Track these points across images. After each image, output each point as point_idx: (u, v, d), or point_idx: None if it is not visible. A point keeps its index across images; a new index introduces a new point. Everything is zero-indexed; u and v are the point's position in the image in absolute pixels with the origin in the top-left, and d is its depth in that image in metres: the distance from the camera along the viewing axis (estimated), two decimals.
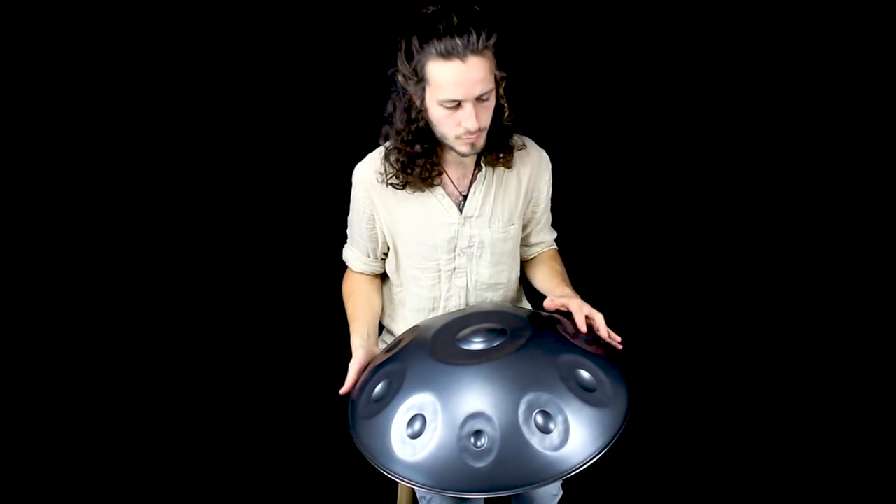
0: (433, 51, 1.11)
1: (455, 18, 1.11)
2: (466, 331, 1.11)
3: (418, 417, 0.98)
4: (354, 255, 1.45)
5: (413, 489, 1.51)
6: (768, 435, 2.08)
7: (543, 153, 1.43)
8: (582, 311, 1.19)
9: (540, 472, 0.92)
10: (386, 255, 1.43)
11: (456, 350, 1.06)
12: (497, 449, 0.92)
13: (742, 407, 2.18)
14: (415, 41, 1.13)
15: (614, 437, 0.97)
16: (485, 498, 1.16)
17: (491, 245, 1.36)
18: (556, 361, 1.01)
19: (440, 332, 1.14)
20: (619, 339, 1.19)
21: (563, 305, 1.24)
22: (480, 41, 1.11)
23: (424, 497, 1.40)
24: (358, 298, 1.41)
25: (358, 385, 1.16)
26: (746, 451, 2.03)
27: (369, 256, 1.43)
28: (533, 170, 1.39)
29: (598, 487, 1.86)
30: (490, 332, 1.09)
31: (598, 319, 1.19)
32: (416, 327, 1.26)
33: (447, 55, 1.10)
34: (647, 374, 2.18)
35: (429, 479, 0.94)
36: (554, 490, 1.46)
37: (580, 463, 0.93)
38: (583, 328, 1.17)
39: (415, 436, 0.97)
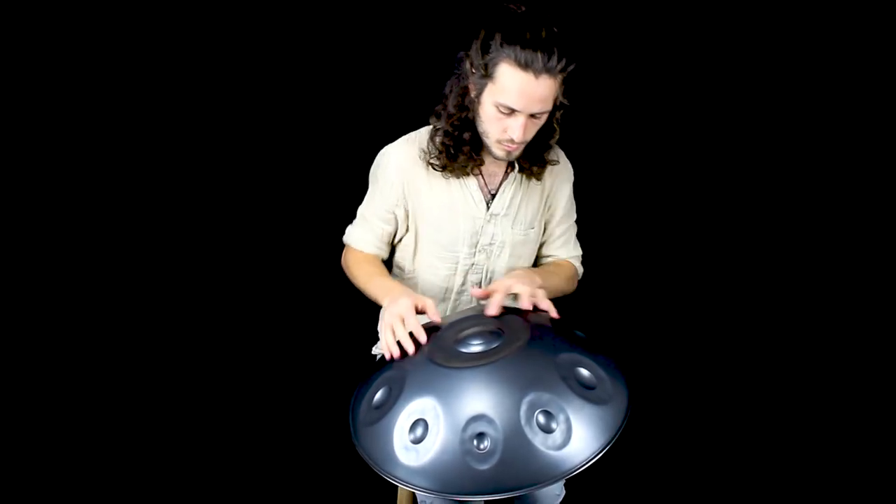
0: (512, 55, 1.11)
1: (545, 33, 1.11)
2: (464, 333, 1.10)
3: (420, 422, 0.97)
4: (364, 236, 1.41)
5: (413, 492, 1.50)
6: (769, 430, 2.09)
7: (568, 164, 1.46)
8: (504, 292, 1.17)
9: (544, 472, 0.92)
10: (392, 241, 1.43)
11: (455, 353, 1.06)
12: (500, 450, 0.92)
13: (742, 402, 2.20)
14: (497, 37, 1.12)
15: (616, 433, 0.97)
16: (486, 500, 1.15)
17: (511, 245, 1.38)
18: (555, 360, 1.01)
19: (438, 337, 1.14)
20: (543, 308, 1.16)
21: (490, 291, 1.20)
22: (559, 65, 1.12)
23: (426, 500, 1.40)
24: (371, 265, 1.36)
25: (357, 392, 1.15)
26: (747, 446, 2.04)
27: (380, 240, 1.40)
28: (556, 177, 1.42)
29: (601, 487, 1.86)
30: (488, 334, 1.08)
31: (524, 297, 1.16)
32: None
33: (524, 65, 1.11)
34: (646, 369, 2.19)
35: (433, 483, 0.94)
36: (556, 490, 1.46)
37: (584, 461, 0.93)
38: (494, 308, 1.14)
39: (417, 441, 0.96)
